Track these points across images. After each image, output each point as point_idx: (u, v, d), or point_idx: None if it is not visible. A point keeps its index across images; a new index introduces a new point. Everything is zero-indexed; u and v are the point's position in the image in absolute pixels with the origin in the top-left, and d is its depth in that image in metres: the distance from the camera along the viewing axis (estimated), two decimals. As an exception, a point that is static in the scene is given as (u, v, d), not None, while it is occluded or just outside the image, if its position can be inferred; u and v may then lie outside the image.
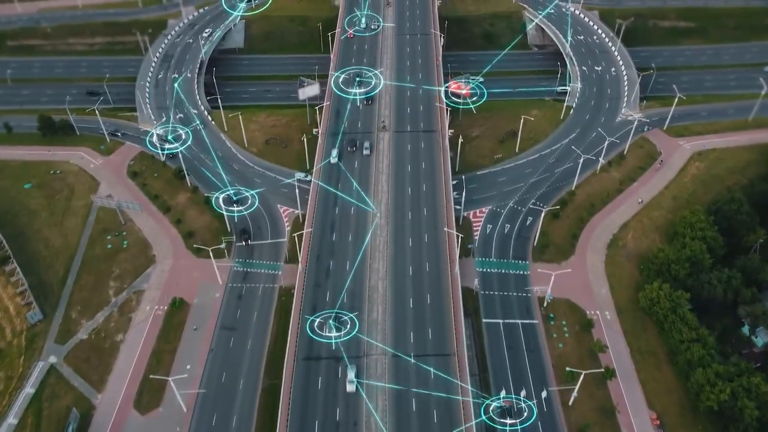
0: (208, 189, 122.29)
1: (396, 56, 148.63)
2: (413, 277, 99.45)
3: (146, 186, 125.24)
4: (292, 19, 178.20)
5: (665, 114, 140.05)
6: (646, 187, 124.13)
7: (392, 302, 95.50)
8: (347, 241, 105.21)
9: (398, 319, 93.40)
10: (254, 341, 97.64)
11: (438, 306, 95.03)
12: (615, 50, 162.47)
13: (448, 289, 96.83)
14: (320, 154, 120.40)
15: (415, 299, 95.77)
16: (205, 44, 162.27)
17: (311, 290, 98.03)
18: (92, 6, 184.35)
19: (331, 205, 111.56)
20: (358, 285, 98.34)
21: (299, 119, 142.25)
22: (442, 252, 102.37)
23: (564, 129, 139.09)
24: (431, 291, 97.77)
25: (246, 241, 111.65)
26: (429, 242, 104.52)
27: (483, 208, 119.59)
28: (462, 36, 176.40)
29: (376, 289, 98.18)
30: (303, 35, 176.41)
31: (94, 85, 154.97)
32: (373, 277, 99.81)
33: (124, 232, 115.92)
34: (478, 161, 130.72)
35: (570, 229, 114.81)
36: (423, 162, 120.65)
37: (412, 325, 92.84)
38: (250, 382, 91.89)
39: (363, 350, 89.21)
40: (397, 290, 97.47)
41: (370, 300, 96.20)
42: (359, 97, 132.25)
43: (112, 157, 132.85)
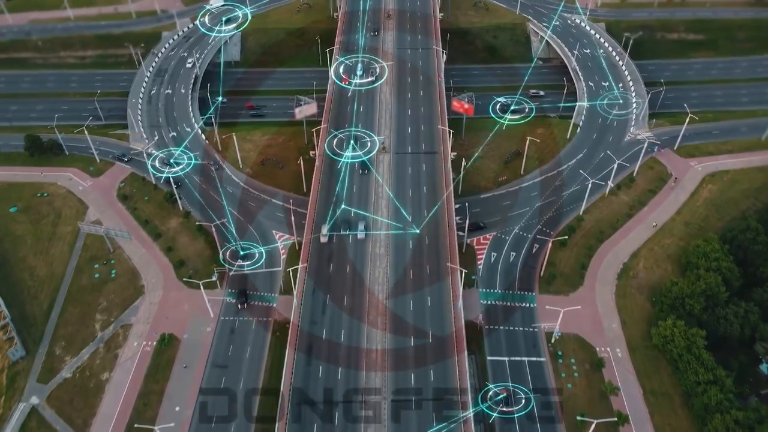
0: (204, 216, 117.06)
1: (396, 75, 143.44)
2: (414, 312, 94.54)
3: (136, 210, 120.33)
4: (289, 32, 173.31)
5: (675, 132, 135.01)
6: (657, 212, 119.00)
7: (392, 341, 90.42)
8: (345, 273, 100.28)
9: (398, 358, 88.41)
10: (246, 380, 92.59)
11: (440, 343, 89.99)
12: (623, 65, 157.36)
13: (451, 326, 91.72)
14: (309, 228, 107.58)
15: (416, 336, 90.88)
16: (199, 60, 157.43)
17: (307, 325, 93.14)
18: (84, 18, 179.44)
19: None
20: (356, 320, 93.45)
21: (296, 138, 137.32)
22: (444, 286, 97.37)
23: (571, 149, 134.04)
24: (433, 326, 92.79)
25: (243, 304, 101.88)
26: (431, 274, 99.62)
27: (487, 234, 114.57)
28: (464, 49, 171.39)
29: (375, 324, 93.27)
30: (301, 48, 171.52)
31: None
32: (372, 312, 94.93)
33: (113, 260, 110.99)
34: (482, 184, 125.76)
35: (578, 259, 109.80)
36: (424, 186, 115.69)
37: (412, 363, 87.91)
38: (241, 428, 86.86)
39: (361, 393, 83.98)
40: (398, 326, 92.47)
41: (369, 336, 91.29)
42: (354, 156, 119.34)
43: (102, 179, 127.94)
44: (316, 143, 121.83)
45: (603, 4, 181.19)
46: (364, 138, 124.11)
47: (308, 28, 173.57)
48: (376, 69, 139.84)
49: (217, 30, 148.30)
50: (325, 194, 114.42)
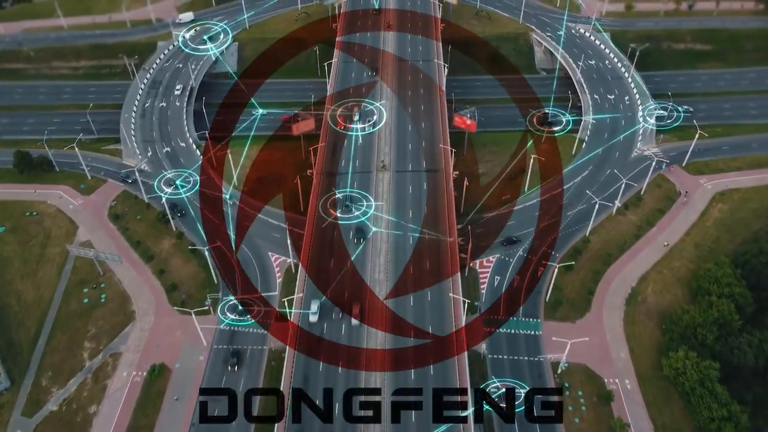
0: (198, 240, 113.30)
1: (396, 87, 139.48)
2: (415, 346, 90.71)
3: (128, 230, 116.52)
4: (287, 42, 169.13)
5: (683, 148, 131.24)
6: (666, 233, 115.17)
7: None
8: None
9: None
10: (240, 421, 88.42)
11: (442, 375, 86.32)
12: (628, 77, 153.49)
13: (453, 358, 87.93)
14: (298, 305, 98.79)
15: (417, 372, 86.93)
16: (194, 71, 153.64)
17: (303, 360, 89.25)
18: (78, 27, 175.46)
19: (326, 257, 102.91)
20: (353, 350, 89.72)
21: (293, 154, 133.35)
22: (446, 316, 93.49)
23: (576, 166, 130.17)
24: (435, 358, 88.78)
25: (235, 366, 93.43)
26: (432, 303, 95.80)
27: (490, 257, 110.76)
28: (466, 59, 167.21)
29: (373, 355, 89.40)
30: (299, 58, 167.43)
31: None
32: (371, 342, 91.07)
33: (103, 284, 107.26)
34: (485, 202, 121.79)
35: (585, 283, 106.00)
36: (425, 206, 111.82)
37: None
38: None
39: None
40: (398, 357, 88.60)
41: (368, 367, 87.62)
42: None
43: (93, 197, 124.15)
44: (314, 162, 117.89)
45: (608, 13, 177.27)
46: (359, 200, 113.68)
47: (307, 38, 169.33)
48: (374, 114, 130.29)
49: (203, 48, 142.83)
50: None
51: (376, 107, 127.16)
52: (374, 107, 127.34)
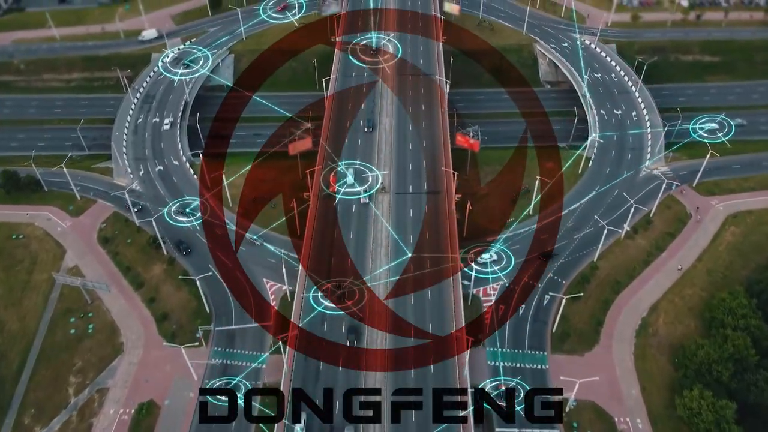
0: (190, 266, 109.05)
1: (396, 103, 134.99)
2: (415, 379, 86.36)
3: (118, 255, 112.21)
4: (284, 53, 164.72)
5: (693, 167, 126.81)
6: (677, 258, 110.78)
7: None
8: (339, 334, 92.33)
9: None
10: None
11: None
12: (636, 90, 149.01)
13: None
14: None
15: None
16: (189, 84, 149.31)
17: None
18: (71, 37, 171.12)
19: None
20: (351, 376, 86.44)
21: (290, 173, 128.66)
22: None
23: (582, 185, 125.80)
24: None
25: None
26: (434, 334, 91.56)
27: (495, 284, 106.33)
28: (468, 72, 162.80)
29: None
30: (297, 71, 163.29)
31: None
32: (370, 379, 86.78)
33: (90, 313, 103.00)
34: (489, 226, 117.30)
35: (593, 313, 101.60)
36: (427, 232, 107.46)
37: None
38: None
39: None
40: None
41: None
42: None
43: (82, 219, 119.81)
44: (310, 185, 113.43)
45: (613, 24, 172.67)
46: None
47: (305, 50, 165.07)
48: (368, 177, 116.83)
49: (181, 73, 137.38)
50: (320, 240, 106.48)
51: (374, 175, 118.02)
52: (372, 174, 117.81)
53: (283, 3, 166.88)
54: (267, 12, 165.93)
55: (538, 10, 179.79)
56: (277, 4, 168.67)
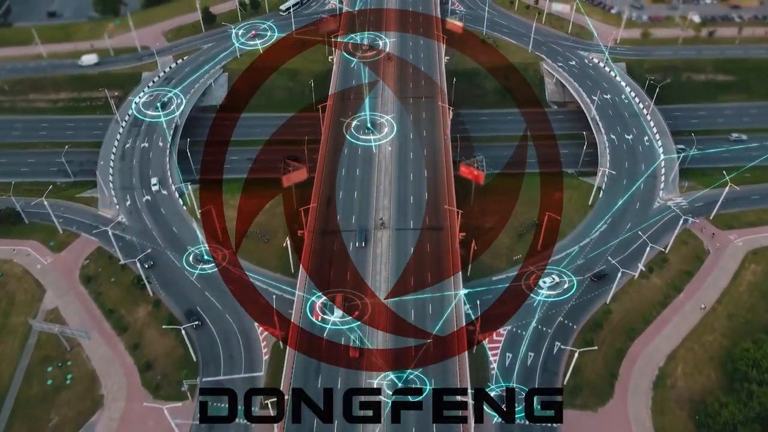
0: (177, 309, 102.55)
1: (396, 136, 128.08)
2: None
3: (100, 296, 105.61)
4: (280, 72, 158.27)
5: (710, 198, 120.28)
6: (695, 300, 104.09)
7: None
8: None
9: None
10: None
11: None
12: (647, 113, 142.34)
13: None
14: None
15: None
16: (180, 106, 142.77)
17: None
18: (58, 55, 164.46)
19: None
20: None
21: (285, 202, 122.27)
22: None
23: (593, 218, 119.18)
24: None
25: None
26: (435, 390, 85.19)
27: (501, 329, 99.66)
28: (472, 92, 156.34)
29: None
30: (293, 91, 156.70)
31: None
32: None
33: (69, 361, 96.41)
34: (494, 263, 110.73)
35: (607, 363, 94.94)
36: (428, 272, 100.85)
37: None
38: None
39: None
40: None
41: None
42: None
43: (64, 255, 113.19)
44: (305, 222, 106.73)
45: (623, 41, 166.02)
46: None
47: (302, 69, 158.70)
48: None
49: (152, 115, 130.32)
50: (316, 275, 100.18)
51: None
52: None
53: (254, 30, 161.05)
54: (239, 39, 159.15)
55: (544, 26, 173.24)
56: (248, 31, 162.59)
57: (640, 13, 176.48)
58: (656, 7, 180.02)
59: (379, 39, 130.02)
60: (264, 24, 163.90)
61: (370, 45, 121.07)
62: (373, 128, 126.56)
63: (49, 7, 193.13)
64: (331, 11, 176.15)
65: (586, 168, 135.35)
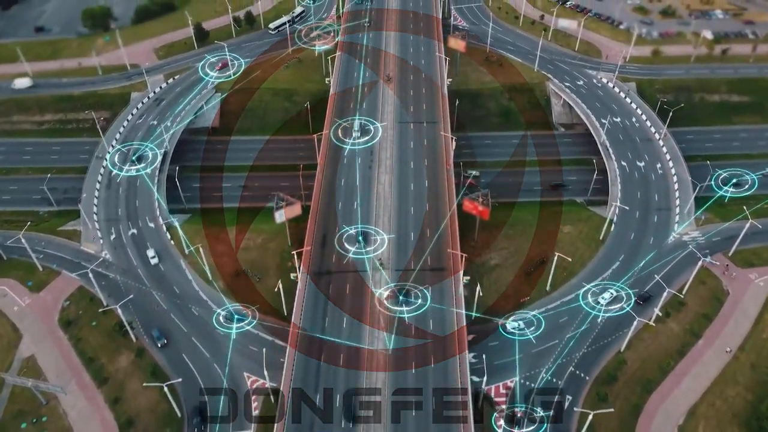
0: (162, 358, 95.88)
1: (395, 165, 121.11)
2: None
3: (80, 342, 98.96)
4: (276, 93, 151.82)
5: (728, 231, 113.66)
6: (715, 348, 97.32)
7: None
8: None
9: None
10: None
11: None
12: (659, 138, 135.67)
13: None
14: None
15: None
16: (169, 130, 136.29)
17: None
18: (44, 74, 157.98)
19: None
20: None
21: (278, 238, 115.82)
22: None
23: (605, 254, 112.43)
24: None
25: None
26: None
27: (508, 380, 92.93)
28: (475, 114, 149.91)
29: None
30: (289, 112, 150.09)
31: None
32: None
33: (45, 416, 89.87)
34: (500, 305, 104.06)
35: (622, 421, 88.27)
36: (430, 320, 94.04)
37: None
38: None
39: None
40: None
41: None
42: None
43: (43, 295, 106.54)
44: (298, 266, 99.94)
45: (632, 59, 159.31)
46: None
47: (298, 89, 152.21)
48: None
49: (126, 169, 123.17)
50: (309, 323, 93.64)
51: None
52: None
53: (222, 61, 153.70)
54: (208, 73, 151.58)
55: (550, 42, 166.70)
56: (216, 63, 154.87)
57: (650, 29, 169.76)
58: (666, 22, 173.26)
59: (371, 125, 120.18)
60: (228, 55, 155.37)
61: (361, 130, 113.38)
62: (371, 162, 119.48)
63: (37, 21, 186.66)
64: (328, 26, 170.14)
65: (595, 196, 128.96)
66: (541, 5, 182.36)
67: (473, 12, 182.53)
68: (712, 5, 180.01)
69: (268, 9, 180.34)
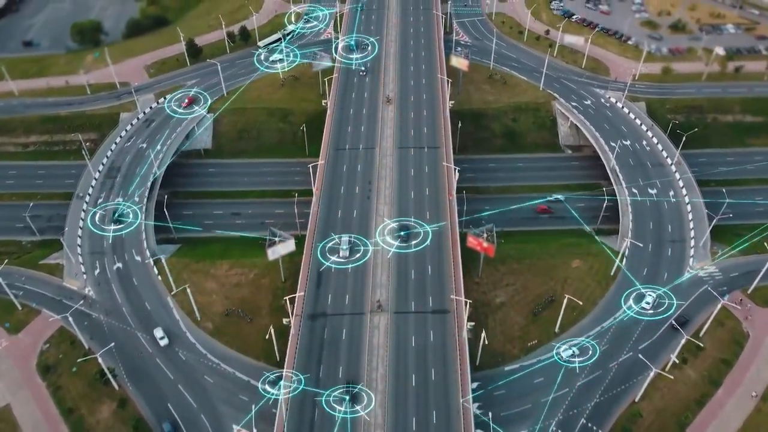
0: (147, 407, 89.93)
1: (395, 196, 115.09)
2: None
3: (59, 390, 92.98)
4: (271, 113, 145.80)
5: (747, 266, 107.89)
6: (737, 398, 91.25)
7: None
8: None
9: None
10: None
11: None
12: (671, 163, 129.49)
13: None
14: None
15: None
16: (160, 154, 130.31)
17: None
18: (31, 92, 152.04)
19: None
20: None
21: (270, 274, 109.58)
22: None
23: (616, 291, 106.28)
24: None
25: None
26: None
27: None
28: (478, 135, 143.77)
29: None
30: (284, 133, 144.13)
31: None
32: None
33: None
34: (505, 348, 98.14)
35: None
36: (432, 369, 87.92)
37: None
38: None
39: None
40: None
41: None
42: None
43: (21, 337, 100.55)
44: (291, 312, 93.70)
45: (642, 77, 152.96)
46: None
47: (293, 109, 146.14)
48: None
49: (113, 229, 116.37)
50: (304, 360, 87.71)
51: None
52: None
53: (188, 98, 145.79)
54: (174, 110, 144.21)
55: (556, 59, 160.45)
56: (181, 100, 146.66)
57: (660, 45, 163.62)
58: (676, 37, 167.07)
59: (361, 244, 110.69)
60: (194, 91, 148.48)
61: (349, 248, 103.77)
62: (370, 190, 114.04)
63: (26, 35, 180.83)
64: (326, 42, 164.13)
65: (605, 225, 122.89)
66: (546, 19, 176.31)
67: (476, 26, 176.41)
68: (724, 19, 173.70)
69: (263, 23, 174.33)
